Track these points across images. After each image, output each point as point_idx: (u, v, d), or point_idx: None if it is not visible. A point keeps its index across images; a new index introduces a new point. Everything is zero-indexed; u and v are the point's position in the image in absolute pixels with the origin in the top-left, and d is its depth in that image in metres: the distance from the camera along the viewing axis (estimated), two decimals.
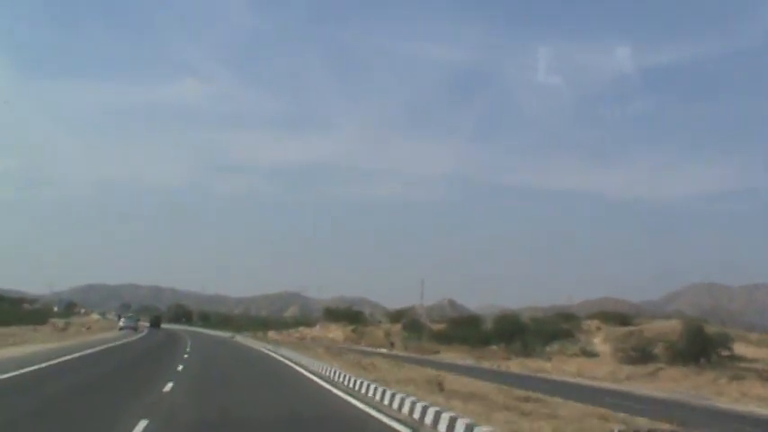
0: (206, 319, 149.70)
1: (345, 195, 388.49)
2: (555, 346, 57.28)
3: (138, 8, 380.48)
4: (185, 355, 36.13)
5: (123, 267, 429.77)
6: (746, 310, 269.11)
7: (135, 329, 78.10)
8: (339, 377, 22.29)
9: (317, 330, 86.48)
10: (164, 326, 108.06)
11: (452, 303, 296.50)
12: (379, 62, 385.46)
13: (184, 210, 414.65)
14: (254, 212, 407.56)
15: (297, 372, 27.94)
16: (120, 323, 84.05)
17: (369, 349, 58.60)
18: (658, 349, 43.56)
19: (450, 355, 54.24)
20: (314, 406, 16.83)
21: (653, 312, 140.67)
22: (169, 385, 18.86)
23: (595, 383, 33.57)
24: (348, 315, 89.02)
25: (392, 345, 67.37)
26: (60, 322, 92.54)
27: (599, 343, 70.97)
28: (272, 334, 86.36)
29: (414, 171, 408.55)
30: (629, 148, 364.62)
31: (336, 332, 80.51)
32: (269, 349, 48.12)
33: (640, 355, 43.33)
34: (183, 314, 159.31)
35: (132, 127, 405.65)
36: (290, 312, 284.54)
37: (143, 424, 11.80)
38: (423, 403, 14.03)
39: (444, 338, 66.77)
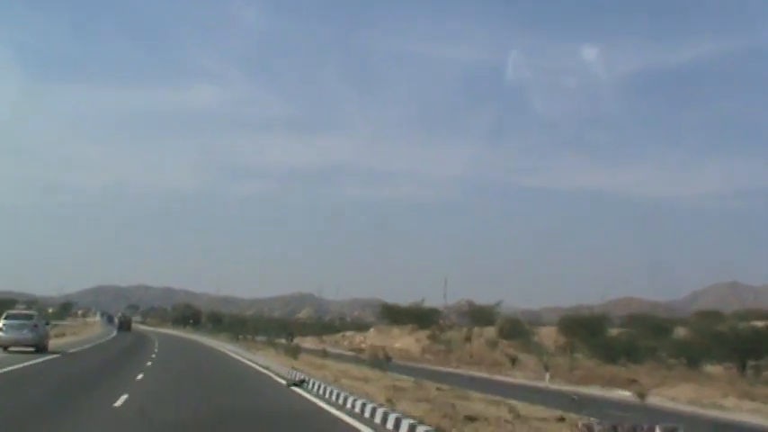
0: (217, 322, 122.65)
1: (359, 197, 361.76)
2: None
3: (152, 12, 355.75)
4: None
5: (135, 269, 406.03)
6: None
7: (40, 347, 31.76)
8: None
9: (372, 336, 59.30)
10: (159, 330, 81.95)
11: (471, 304, 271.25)
12: (393, 64, 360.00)
13: (198, 212, 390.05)
14: (267, 214, 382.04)
15: None
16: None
17: (554, 387, 31.04)
18: None
19: (676, 393, 27.38)
20: None
21: (678, 313, 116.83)
22: None
23: None
24: (416, 315, 61.34)
25: (513, 363, 40.66)
26: None
27: None
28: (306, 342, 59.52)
29: (428, 172, 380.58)
30: (645, 147, 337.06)
31: (405, 340, 53.45)
32: None
33: None
34: (190, 315, 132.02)
35: (146, 131, 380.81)
36: (304, 314, 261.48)
37: None
38: None
39: (598, 352, 40.54)
